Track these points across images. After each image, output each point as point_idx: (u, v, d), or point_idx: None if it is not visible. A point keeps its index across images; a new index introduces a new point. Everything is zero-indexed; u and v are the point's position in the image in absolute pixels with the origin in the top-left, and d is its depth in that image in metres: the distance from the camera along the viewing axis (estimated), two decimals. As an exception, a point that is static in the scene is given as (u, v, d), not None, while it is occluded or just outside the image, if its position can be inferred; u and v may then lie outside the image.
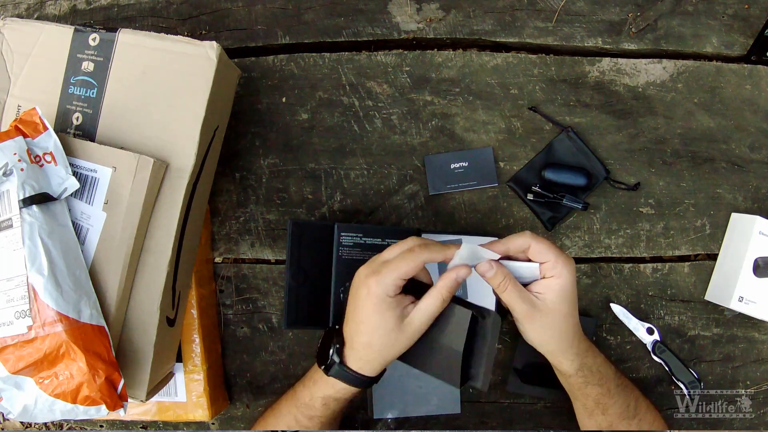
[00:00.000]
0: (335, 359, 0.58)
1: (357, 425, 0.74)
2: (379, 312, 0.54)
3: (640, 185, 0.74)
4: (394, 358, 0.57)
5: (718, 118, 0.75)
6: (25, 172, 0.51)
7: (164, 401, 0.69)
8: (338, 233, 0.67)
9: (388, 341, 0.55)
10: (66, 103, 0.58)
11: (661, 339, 0.72)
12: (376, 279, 0.54)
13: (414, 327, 0.55)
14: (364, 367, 0.57)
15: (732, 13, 0.75)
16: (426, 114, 0.74)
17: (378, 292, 0.54)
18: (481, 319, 0.56)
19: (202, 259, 0.70)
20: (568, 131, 0.73)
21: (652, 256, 0.75)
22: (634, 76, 0.75)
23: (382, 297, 0.54)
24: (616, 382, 0.61)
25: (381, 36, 0.74)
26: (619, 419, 0.61)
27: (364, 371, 0.57)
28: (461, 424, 0.74)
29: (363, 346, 0.56)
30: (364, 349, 0.56)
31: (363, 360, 0.57)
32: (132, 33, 0.57)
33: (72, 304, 0.51)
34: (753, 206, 0.75)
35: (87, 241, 0.55)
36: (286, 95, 0.73)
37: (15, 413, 0.52)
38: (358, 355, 0.57)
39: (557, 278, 0.55)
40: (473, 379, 0.57)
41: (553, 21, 0.74)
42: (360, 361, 0.57)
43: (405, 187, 0.74)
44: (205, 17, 0.74)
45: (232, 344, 0.74)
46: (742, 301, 0.70)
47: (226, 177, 0.73)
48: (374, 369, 0.57)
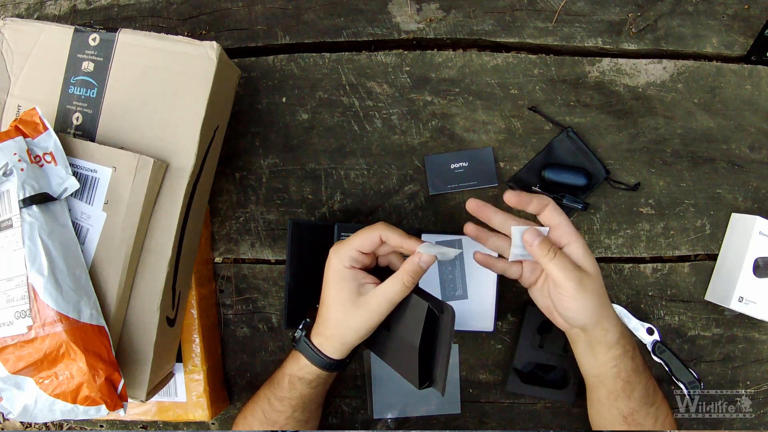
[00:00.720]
0: (301, 331, 0.60)
1: (357, 425, 0.74)
2: (335, 282, 0.56)
3: (640, 185, 0.74)
4: (354, 340, 0.57)
5: (718, 118, 0.75)
6: (25, 172, 0.51)
7: (164, 401, 0.69)
8: (338, 233, 0.67)
9: (344, 316, 0.56)
10: (66, 103, 0.58)
11: (661, 339, 0.72)
12: (334, 250, 0.57)
13: (371, 307, 0.55)
14: (324, 343, 0.58)
15: (732, 13, 0.75)
16: (426, 114, 0.74)
17: (335, 263, 0.56)
18: (438, 313, 0.54)
19: (202, 259, 0.70)
20: (568, 131, 0.73)
21: (652, 256, 0.75)
22: (634, 76, 0.75)
23: (339, 268, 0.56)
24: (642, 359, 0.60)
25: (381, 36, 0.74)
26: (640, 404, 0.60)
27: (324, 348, 0.58)
28: (461, 424, 0.74)
29: (324, 319, 0.58)
30: (324, 323, 0.58)
31: (323, 336, 0.58)
32: (132, 33, 0.57)
33: (72, 304, 0.51)
34: (753, 206, 0.75)
35: (87, 241, 0.55)
36: (286, 95, 0.73)
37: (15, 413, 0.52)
38: (319, 330, 0.58)
39: (576, 242, 0.55)
40: (434, 382, 0.56)
41: (553, 21, 0.74)
42: (320, 336, 0.58)
43: (405, 187, 0.74)
44: (205, 17, 0.74)
45: (232, 344, 0.74)
46: (742, 301, 0.70)
47: (226, 177, 0.73)
48: (335, 348, 0.57)
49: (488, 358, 0.74)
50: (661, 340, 0.72)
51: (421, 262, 0.55)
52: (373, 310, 0.55)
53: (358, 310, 0.55)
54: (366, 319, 0.56)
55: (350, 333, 0.56)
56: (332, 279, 0.57)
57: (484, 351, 0.74)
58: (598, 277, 0.56)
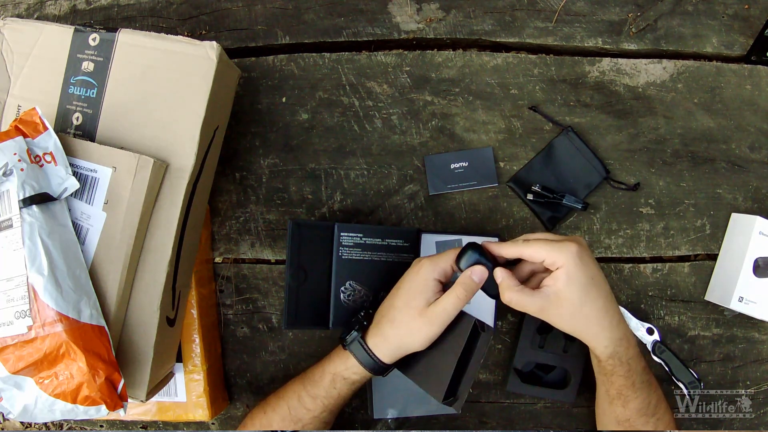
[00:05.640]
0: (357, 332, 0.61)
1: (357, 425, 0.74)
2: (417, 290, 0.58)
3: (640, 185, 0.74)
4: (411, 347, 0.59)
5: (718, 118, 0.75)
6: (25, 172, 0.51)
7: (164, 401, 0.69)
8: (338, 233, 0.67)
9: (410, 321, 0.58)
10: (66, 103, 0.58)
11: (661, 339, 0.72)
12: (431, 260, 0.59)
13: (433, 318, 0.57)
14: (380, 344, 0.59)
15: (732, 13, 0.75)
16: (426, 114, 0.74)
17: (427, 272, 0.58)
18: (481, 331, 0.57)
19: (202, 259, 0.70)
20: (568, 131, 0.73)
21: (652, 256, 0.75)
22: (634, 76, 0.75)
23: (428, 278, 0.58)
24: (642, 378, 0.61)
25: (381, 36, 0.74)
26: (638, 415, 0.61)
27: (378, 350, 0.59)
28: (461, 424, 0.74)
29: (389, 320, 0.59)
30: (389, 323, 0.59)
31: (382, 336, 0.59)
32: (132, 33, 0.57)
33: (72, 304, 0.51)
34: (753, 206, 0.75)
35: (87, 241, 0.55)
36: (286, 95, 0.73)
37: (15, 413, 0.52)
38: (380, 330, 0.59)
39: (560, 268, 0.55)
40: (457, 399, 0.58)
41: (553, 21, 0.74)
42: (379, 336, 0.59)
43: (405, 187, 0.74)
44: (205, 17, 0.74)
45: (232, 344, 0.74)
46: (742, 301, 0.70)
47: (226, 177, 0.73)
48: (389, 351, 0.59)
49: (488, 358, 0.74)
50: (661, 340, 0.72)
51: (473, 275, 0.57)
52: (434, 322, 0.57)
53: (423, 318, 0.57)
54: (427, 330, 0.57)
55: (410, 339, 0.58)
56: (416, 286, 0.58)
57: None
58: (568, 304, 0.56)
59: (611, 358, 0.58)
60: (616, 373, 0.60)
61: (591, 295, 0.56)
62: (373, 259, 0.68)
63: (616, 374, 0.60)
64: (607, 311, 0.57)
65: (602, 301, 0.57)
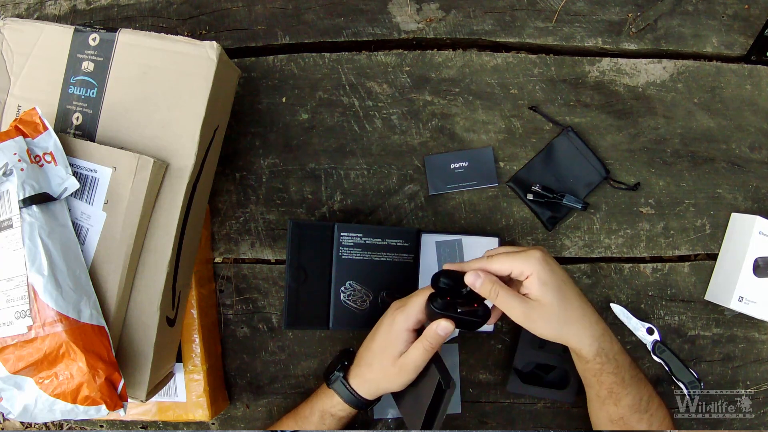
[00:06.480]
0: (339, 372, 0.64)
1: (357, 425, 0.74)
2: (390, 340, 0.60)
3: (640, 185, 0.74)
4: (387, 389, 0.62)
5: (718, 118, 0.75)
6: (25, 172, 0.51)
7: (164, 401, 0.69)
8: (338, 233, 0.67)
9: (384, 370, 0.61)
10: (66, 103, 0.58)
11: (661, 339, 0.72)
12: (401, 310, 0.60)
13: (403, 368, 0.60)
14: (361, 385, 0.63)
15: (732, 13, 0.75)
16: (426, 114, 0.74)
17: (401, 323, 0.60)
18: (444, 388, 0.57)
19: (202, 259, 0.70)
20: (568, 131, 0.73)
21: (652, 256, 0.75)
22: (634, 76, 0.75)
23: (401, 329, 0.60)
24: (631, 373, 0.61)
25: (381, 36, 0.74)
26: (630, 411, 0.61)
27: (360, 390, 0.63)
28: (461, 424, 0.74)
29: (366, 363, 0.62)
30: (366, 367, 0.62)
31: (361, 378, 0.63)
32: (132, 33, 0.57)
33: (72, 304, 0.51)
34: (753, 206, 0.75)
35: (87, 241, 0.55)
36: (286, 95, 0.73)
37: (15, 413, 0.52)
38: (360, 372, 0.63)
39: (531, 276, 0.56)
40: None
41: (553, 21, 0.74)
42: (359, 378, 0.63)
43: (405, 187, 0.74)
44: (205, 17, 0.74)
45: (232, 344, 0.74)
46: (742, 301, 0.70)
47: (226, 177, 0.73)
48: (369, 391, 0.63)
49: (488, 358, 0.74)
50: (661, 339, 0.72)
51: (438, 330, 0.58)
52: (406, 372, 0.60)
53: (395, 368, 0.60)
54: (400, 378, 0.61)
55: (386, 384, 0.62)
56: (389, 336, 0.61)
57: (484, 351, 0.74)
58: (547, 307, 0.56)
59: (598, 355, 0.59)
60: (605, 371, 0.60)
61: (566, 296, 0.57)
62: (373, 259, 0.68)
63: (605, 372, 0.60)
64: (584, 309, 0.58)
65: (578, 301, 0.58)
